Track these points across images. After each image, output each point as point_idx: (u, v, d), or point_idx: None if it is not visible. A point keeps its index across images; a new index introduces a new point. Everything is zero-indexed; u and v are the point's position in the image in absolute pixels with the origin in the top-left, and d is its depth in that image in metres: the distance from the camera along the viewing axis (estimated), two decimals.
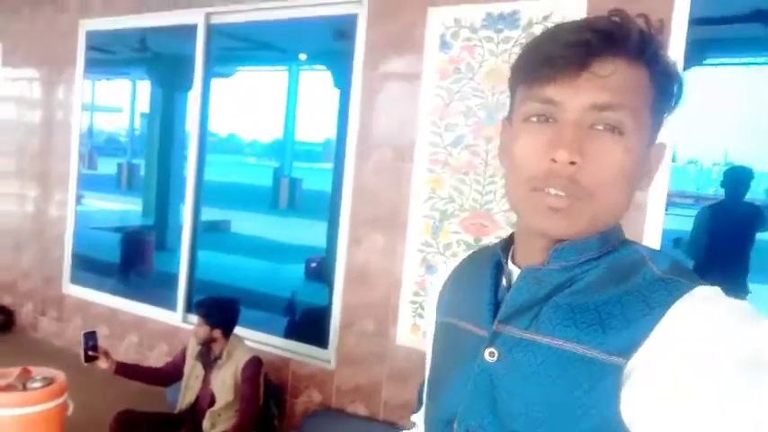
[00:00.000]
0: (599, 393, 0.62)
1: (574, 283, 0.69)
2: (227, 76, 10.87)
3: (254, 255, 10.28)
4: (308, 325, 4.14)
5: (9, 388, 2.27)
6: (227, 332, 3.11)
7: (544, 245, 0.70)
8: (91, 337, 2.90)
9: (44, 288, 4.77)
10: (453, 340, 0.78)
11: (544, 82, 0.66)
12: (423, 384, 2.71)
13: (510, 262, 0.76)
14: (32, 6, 4.84)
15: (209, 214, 12.03)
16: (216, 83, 9.12)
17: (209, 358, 3.12)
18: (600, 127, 0.65)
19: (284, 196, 19.58)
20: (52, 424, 2.34)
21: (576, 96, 0.65)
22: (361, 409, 3.30)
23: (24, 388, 2.29)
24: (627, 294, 0.65)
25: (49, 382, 2.36)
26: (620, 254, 0.70)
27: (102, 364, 2.93)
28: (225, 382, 3.07)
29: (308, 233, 12.08)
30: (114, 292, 4.58)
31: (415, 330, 3.13)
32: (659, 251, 0.71)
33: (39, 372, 2.39)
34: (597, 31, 0.64)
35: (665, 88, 0.69)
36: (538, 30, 2.72)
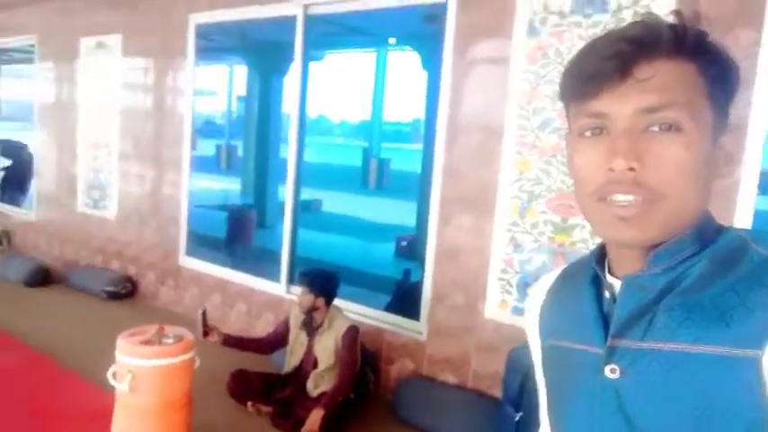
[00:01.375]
0: (742, 391, 0.60)
1: (680, 282, 0.67)
2: (318, 59, 11.25)
3: (346, 233, 10.63)
4: (402, 299, 4.38)
5: (148, 342, 2.64)
6: (329, 301, 3.40)
7: (639, 252, 0.70)
8: (204, 314, 3.28)
9: (163, 260, 5.29)
10: (566, 363, 0.76)
11: (589, 97, 0.68)
12: (512, 351, 2.81)
13: (608, 274, 0.75)
14: (148, 2, 5.31)
15: (302, 194, 12.47)
16: (310, 66, 9.45)
17: (311, 326, 3.43)
18: (655, 129, 0.66)
19: (373, 176, 19.89)
20: (184, 375, 2.71)
21: (622, 105, 0.66)
22: (451, 378, 3.51)
23: (160, 343, 2.66)
24: (739, 282, 0.64)
25: (180, 338, 2.72)
26: (720, 243, 0.69)
27: (213, 337, 3.31)
28: (326, 347, 3.36)
29: (397, 212, 12.30)
30: (223, 264, 5.00)
31: (503, 306, 3.29)
32: (759, 231, 0.70)
33: (171, 330, 2.76)
34: (629, 38, 0.66)
35: (717, 76, 0.68)
36: (627, 15, 2.78)
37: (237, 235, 6.93)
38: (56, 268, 6.02)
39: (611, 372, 0.68)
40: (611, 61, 0.66)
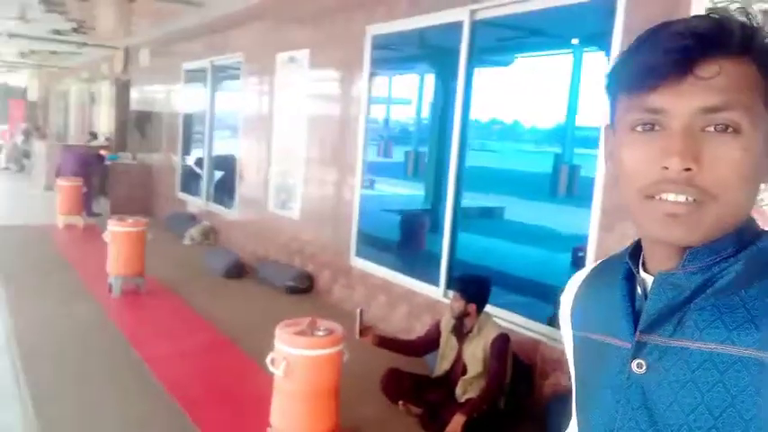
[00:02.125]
0: (766, 394, 0.60)
1: (714, 283, 0.66)
2: (505, 64, 11.13)
3: (524, 241, 10.40)
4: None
5: (301, 333, 2.85)
6: (480, 307, 3.37)
7: (675, 250, 0.69)
8: (362, 314, 3.40)
9: (336, 259, 5.64)
10: (595, 355, 0.76)
11: (647, 90, 0.65)
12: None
13: (642, 270, 0.74)
14: (331, 17, 5.71)
15: (484, 201, 12.50)
16: (496, 71, 9.43)
17: (461, 331, 3.42)
18: (712, 129, 0.64)
19: (563, 183, 19.13)
20: (332, 366, 2.88)
21: (682, 102, 0.64)
22: None
23: (312, 334, 2.86)
24: None
25: (330, 331, 2.90)
26: (758, 247, 0.67)
27: (368, 337, 3.40)
28: (475, 354, 3.33)
29: (581, 221, 11.69)
30: (390, 266, 5.19)
31: None
32: None
33: (323, 323, 2.95)
34: (696, 34, 0.64)
35: None
36: None
37: (409, 238, 7.13)
38: (249, 262, 6.72)
39: (637, 367, 0.69)
40: (675, 55, 0.64)
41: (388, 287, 4.99)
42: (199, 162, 9.04)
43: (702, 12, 2.78)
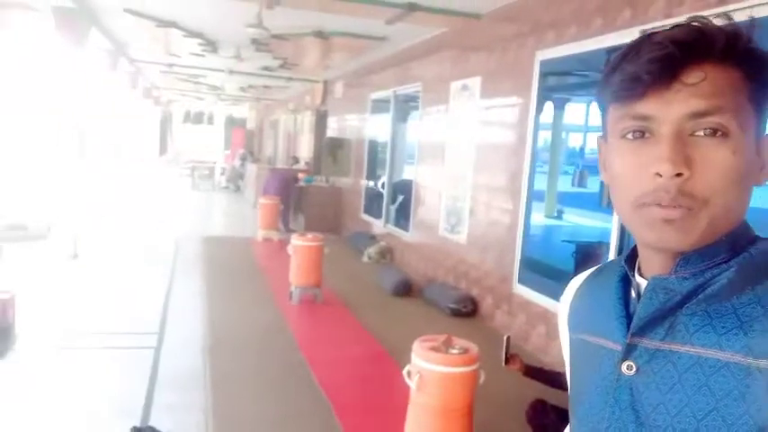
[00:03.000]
0: (750, 401, 0.61)
1: (706, 288, 0.67)
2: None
3: None
4: None
5: (435, 349, 2.94)
6: None
7: (669, 255, 0.69)
8: (508, 341, 3.34)
9: (499, 285, 5.62)
10: (588, 356, 0.78)
11: (635, 99, 0.67)
12: None
13: (637, 274, 0.75)
14: (503, 45, 5.78)
15: None
16: None
17: None
18: (701, 133, 0.65)
19: None
20: (466, 386, 2.92)
21: (669, 108, 0.65)
22: None
23: (446, 351, 2.93)
24: (766, 295, 0.64)
25: (465, 350, 2.95)
26: (752, 253, 0.68)
27: (515, 365, 3.28)
28: None
29: None
30: (555, 296, 5.05)
31: None
32: None
33: (459, 342, 3.01)
34: (679, 41, 0.65)
35: (764, 81, 0.67)
36: None
37: (582, 269, 6.86)
38: (418, 282, 6.95)
39: (627, 368, 0.70)
40: (660, 64, 0.65)
41: (548, 317, 4.87)
42: (381, 185, 9.60)
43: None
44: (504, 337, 3.32)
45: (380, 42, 8.21)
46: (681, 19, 0.67)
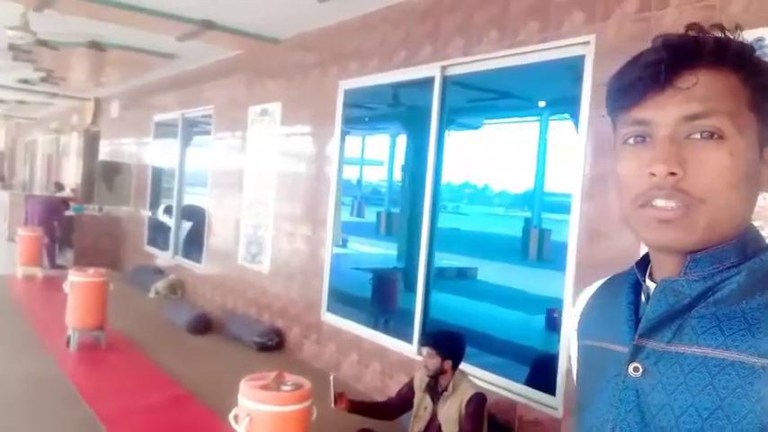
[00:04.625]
0: (753, 398, 0.61)
1: (715, 292, 0.67)
2: (475, 127, 11.37)
3: (498, 302, 10.37)
4: (538, 370, 4.09)
5: (266, 387, 2.71)
6: (456, 364, 3.25)
7: (678, 258, 0.70)
8: (333, 381, 3.18)
9: (307, 314, 5.48)
10: (596, 361, 0.78)
11: (632, 105, 0.70)
12: None
13: (648, 279, 0.76)
14: (303, 72, 5.76)
15: (459, 261, 12.54)
16: (465, 135, 9.60)
17: (436, 390, 3.28)
18: (697, 136, 0.67)
19: (533, 247, 19.35)
20: (299, 423, 2.72)
21: (663, 112, 0.67)
22: None
23: (278, 389, 2.71)
24: None
25: (298, 387, 2.75)
26: (763, 260, 0.68)
27: (342, 405, 3.17)
28: (450, 414, 3.18)
29: (553, 283, 11.78)
30: (362, 323, 5.06)
31: None
32: None
33: (290, 378, 2.81)
34: (671, 47, 0.68)
35: (761, 86, 0.69)
36: None
37: (381, 296, 7.02)
38: (216, 316, 6.50)
39: (634, 370, 0.70)
40: (653, 69, 0.68)
41: (359, 344, 4.84)
42: (168, 210, 8.88)
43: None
44: (330, 378, 3.20)
45: (168, 60, 7.66)
46: (478, 57, 0.65)
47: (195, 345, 5.85)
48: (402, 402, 3.47)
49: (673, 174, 0.66)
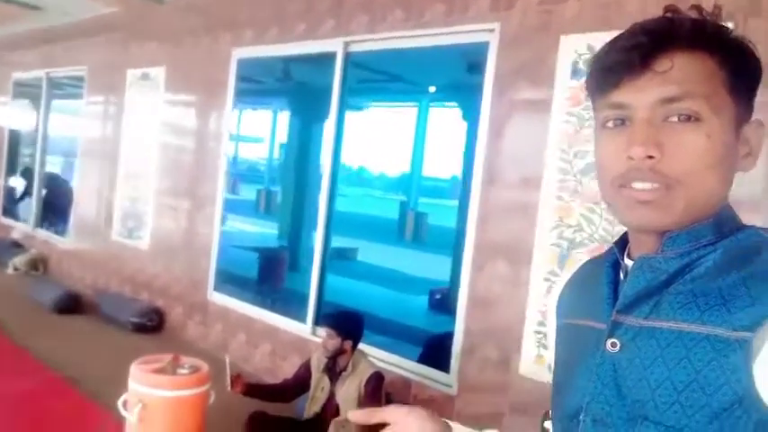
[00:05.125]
0: (728, 370, 0.62)
1: (692, 269, 0.69)
2: (360, 109, 11.37)
3: (379, 282, 10.49)
4: (431, 349, 4.19)
5: (161, 371, 2.53)
6: (355, 344, 3.23)
7: (656, 236, 0.71)
8: (230, 363, 3.03)
9: (191, 294, 5.22)
10: (575, 338, 0.79)
11: (611, 89, 0.71)
12: (545, 413, 2.64)
13: (626, 257, 0.77)
14: (193, 36, 5.42)
15: (338, 242, 12.51)
16: (350, 116, 9.55)
17: (335, 371, 3.24)
18: (674, 119, 0.68)
19: (410, 229, 19.83)
20: (197, 409, 2.58)
21: (641, 95, 0.68)
22: None
23: (174, 373, 2.54)
24: (752, 277, 0.65)
25: (195, 370, 2.61)
26: (738, 237, 0.70)
27: (237, 388, 3.05)
28: (349, 394, 3.16)
29: (432, 266, 12.16)
30: (251, 302, 4.90)
31: (540, 361, 3.07)
32: None
33: (187, 361, 2.65)
34: (649, 31, 0.69)
35: (738, 68, 0.69)
36: None
37: (268, 275, 6.87)
38: (87, 295, 6.01)
39: (611, 346, 0.71)
40: (631, 53, 0.68)
41: (249, 324, 4.69)
42: (25, 174, 8.07)
43: (570, 57, 3.01)
44: (226, 360, 3.04)
45: (32, 12, 6.88)
46: (382, 35, 0.65)
47: (64, 326, 5.38)
48: (299, 384, 3.40)
49: (650, 157, 0.67)
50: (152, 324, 5.34)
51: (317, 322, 4.26)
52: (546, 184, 3.08)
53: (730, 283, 0.65)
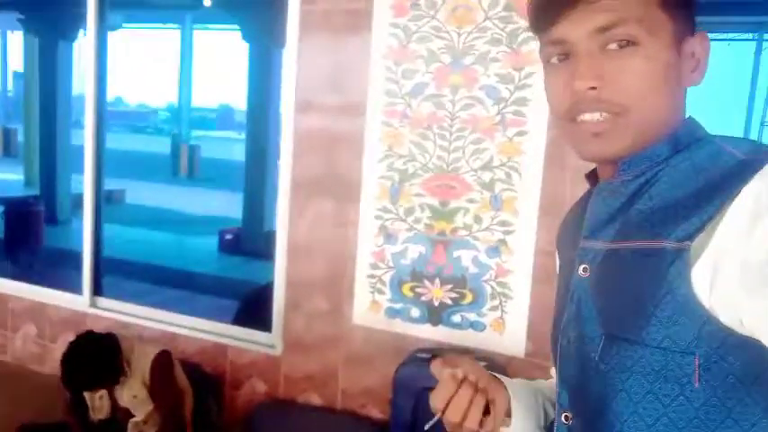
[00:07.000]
0: (669, 280, 0.64)
1: (651, 187, 0.70)
2: (111, 29, 9.81)
3: (155, 227, 9.54)
4: (246, 306, 3.70)
5: None
6: (119, 376, 2.61)
7: (614, 163, 0.73)
8: None
9: None
10: (563, 269, 0.83)
11: (548, 26, 0.71)
12: (401, 368, 2.45)
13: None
14: None
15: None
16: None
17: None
18: (613, 46, 0.68)
19: (184, 165, 18.49)
20: None
21: (577, 28, 0.69)
22: (315, 399, 2.92)
23: None
24: (707, 185, 0.65)
25: None
26: (691, 149, 0.70)
27: None
28: (136, 395, 2.65)
29: (217, 203, 11.46)
30: (1, 273, 3.90)
31: (375, 308, 2.77)
32: (739, 137, 0.71)
33: None
34: None
35: None
36: None
37: (19, 234, 5.59)
38: None
39: (583, 271, 0.74)
40: None
41: (2, 306, 3.71)
42: None
43: None
44: None
45: None
46: None
47: None
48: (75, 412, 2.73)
49: (593, 88, 0.68)
50: None
51: (97, 291, 3.49)
52: (371, 109, 2.70)
53: (686, 194, 0.67)
